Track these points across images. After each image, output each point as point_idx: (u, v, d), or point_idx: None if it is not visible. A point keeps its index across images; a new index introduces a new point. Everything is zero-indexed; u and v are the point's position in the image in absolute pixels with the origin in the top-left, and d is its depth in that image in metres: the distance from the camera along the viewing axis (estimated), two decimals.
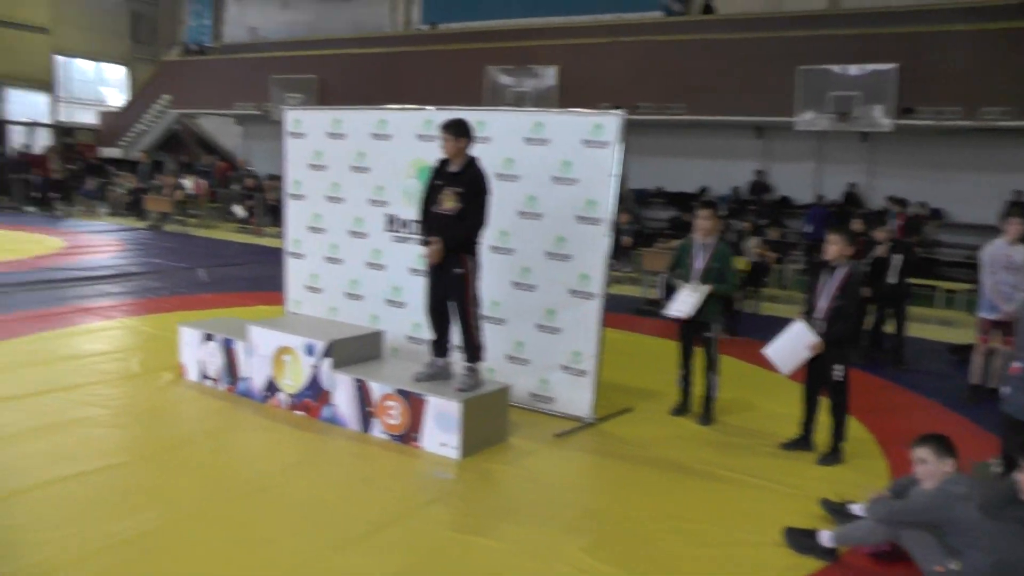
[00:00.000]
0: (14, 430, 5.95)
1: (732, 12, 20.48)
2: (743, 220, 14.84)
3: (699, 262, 6.90)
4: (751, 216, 16.43)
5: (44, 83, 30.00)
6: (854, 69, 15.90)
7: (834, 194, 18.18)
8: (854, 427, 6.57)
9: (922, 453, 4.37)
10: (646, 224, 18.11)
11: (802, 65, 16.19)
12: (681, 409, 7.17)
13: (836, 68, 16.01)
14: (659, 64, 18.07)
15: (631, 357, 7.52)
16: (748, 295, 12.08)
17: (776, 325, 6.70)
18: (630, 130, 6.60)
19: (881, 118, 15.75)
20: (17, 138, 28.86)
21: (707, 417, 6.96)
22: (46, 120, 30.23)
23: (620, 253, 14.19)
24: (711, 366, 6.95)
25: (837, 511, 5.04)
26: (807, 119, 16.34)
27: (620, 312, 11.50)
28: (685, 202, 19.07)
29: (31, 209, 23.74)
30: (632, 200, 17.83)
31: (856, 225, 13.09)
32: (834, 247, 6.18)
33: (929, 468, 4.34)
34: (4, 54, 28.35)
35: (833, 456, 6.19)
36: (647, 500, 5.35)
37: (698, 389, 7.08)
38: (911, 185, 16.83)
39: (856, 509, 4.92)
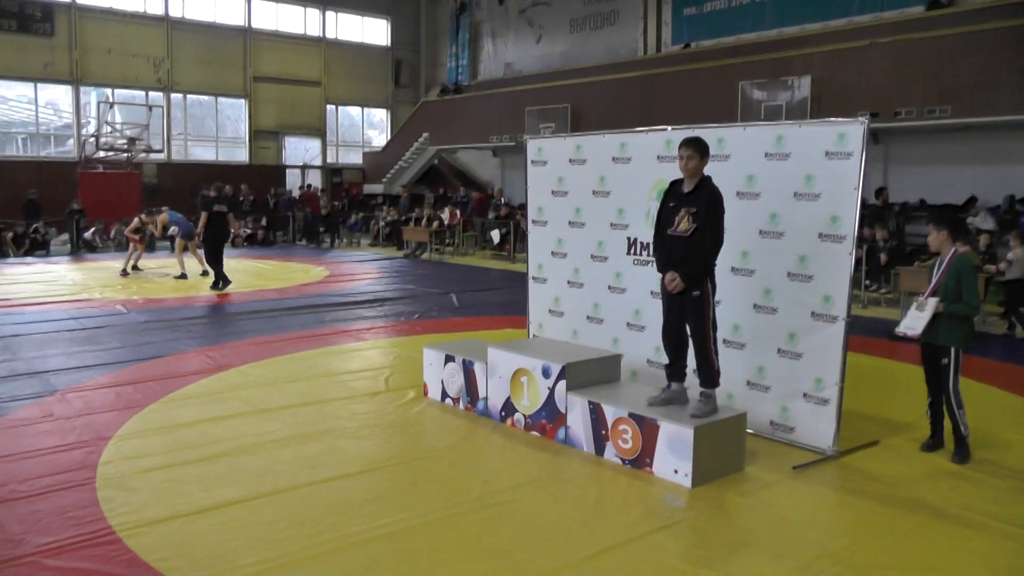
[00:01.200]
0: (273, 437, 6.57)
1: None
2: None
3: (936, 278, 6.36)
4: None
5: (317, 129, 32.83)
6: None
7: None
8: None
9: None
10: (907, 240, 16.85)
11: None
12: (933, 444, 6.52)
13: None
14: (921, 64, 16.71)
15: (881, 385, 6.96)
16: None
17: None
18: (891, 138, 6.16)
19: None
20: (293, 180, 31.70)
21: (961, 454, 6.27)
22: (318, 162, 32.97)
23: (876, 272, 13.35)
24: (947, 398, 6.30)
25: None
26: None
27: (875, 336, 10.80)
28: (951, 214, 17.57)
29: (302, 242, 25.94)
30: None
31: None
32: None
33: None
34: (285, 107, 31.58)
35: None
36: (892, 544, 4.88)
37: (949, 421, 6.43)
38: None
39: None
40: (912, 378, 6.53)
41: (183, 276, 16.42)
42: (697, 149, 5.90)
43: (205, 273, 16.10)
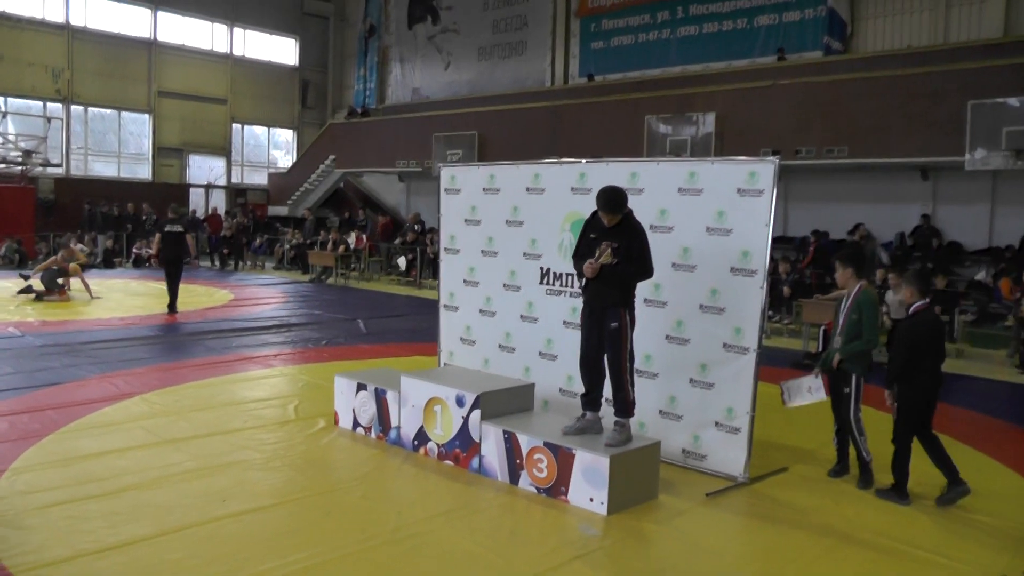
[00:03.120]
0: (181, 470, 6.32)
1: (896, 47, 19.69)
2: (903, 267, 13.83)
3: (841, 316, 6.59)
4: (916, 263, 15.57)
5: (222, 148, 32.17)
6: None
7: (1010, 238, 16.97)
8: None
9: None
10: (807, 273, 17.44)
11: (973, 99, 15.18)
12: (839, 470, 6.75)
13: (1013, 101, 14.86)
14: (820, 106, 17.41)
15: (788, 413, 7.18)
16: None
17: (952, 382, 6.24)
18: (790, 176, 6.38)
19: None
20: (197, 199, 30.96)
21: (866, 480, 6.50)
22: (222, 182, 32.29)
23: (779, 304, 13.75)
24: (848, 426, 6.55)
25: None
26: (979, 158, 15.24)
27: (779, 366, 11.09)
28: (856, 252, 18.25)
29: (204, 264, 25.32)
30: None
31: None
32: None
33: None
34: (189, 124, 30.85)
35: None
36: (802, 568, 5.03)
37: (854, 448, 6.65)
38: None
39: None
40: (818, 407, 6.72)
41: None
42: (610, 208, 5.92)
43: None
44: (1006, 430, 8.63)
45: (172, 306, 14.65)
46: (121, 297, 16.93)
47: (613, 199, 5.92)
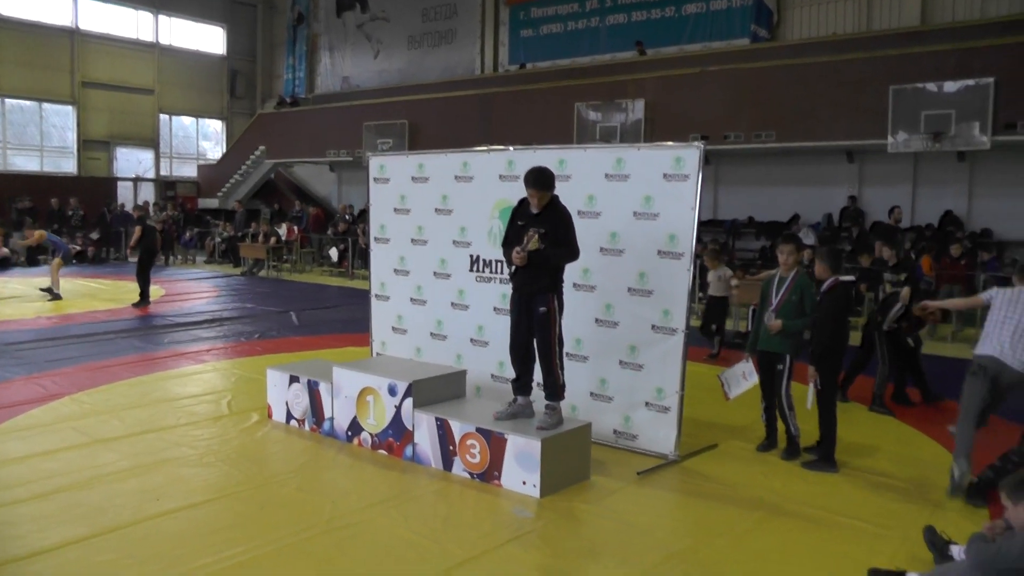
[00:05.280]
0: (112, 469, 6.21)
1: (821, 35, 20.15)
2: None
3: (778, 296, 6.74)
4: (844, 243, 15.97)
5: (150, 140, 31.49)
6: (949, 86, 15.20)
7: (931, 217, 17.53)
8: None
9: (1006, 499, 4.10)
10: (736, 255, 17.79)
11: (895, 84, 15.63)
12: (767, 445, 6.97)
13: (931, 86, 15.36)
14: (747, 92, 17.74)
15: (716, 392, 7.35)
16: None
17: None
18: (720, 160, 6.51)
19: (978, 135, 15.05)
20: (125, 193, 30.27)
21: (790, 452, 6.73)
22: (151, 175, 31.63)
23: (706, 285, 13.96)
24: (779, 401, 6.76)
25: (939, 549, 4.78)
26: (900, 141, 15.73)
27: (708, 346, 11.30)
28: (776, 231, 18.68)
29: (134, 259, 24.75)
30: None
31: (955, 249, 12.60)
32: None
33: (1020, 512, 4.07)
34: (116, 116, 30.11)
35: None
36: (733, 541, 5.18)
37: (782, 423, 6.87)
38: (1015, 204, 16.13)
39: (956, 551, 4.66)
40: None
41: (57, 296, 15.70)
42: (539, 187, 5.99)
43: (54, 296, 15.70)
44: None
45: (145, 296, 15.00)
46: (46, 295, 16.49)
47: (541, 176, 5.99)
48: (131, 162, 31.21)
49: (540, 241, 5.93)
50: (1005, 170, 16.69)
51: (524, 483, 5.85)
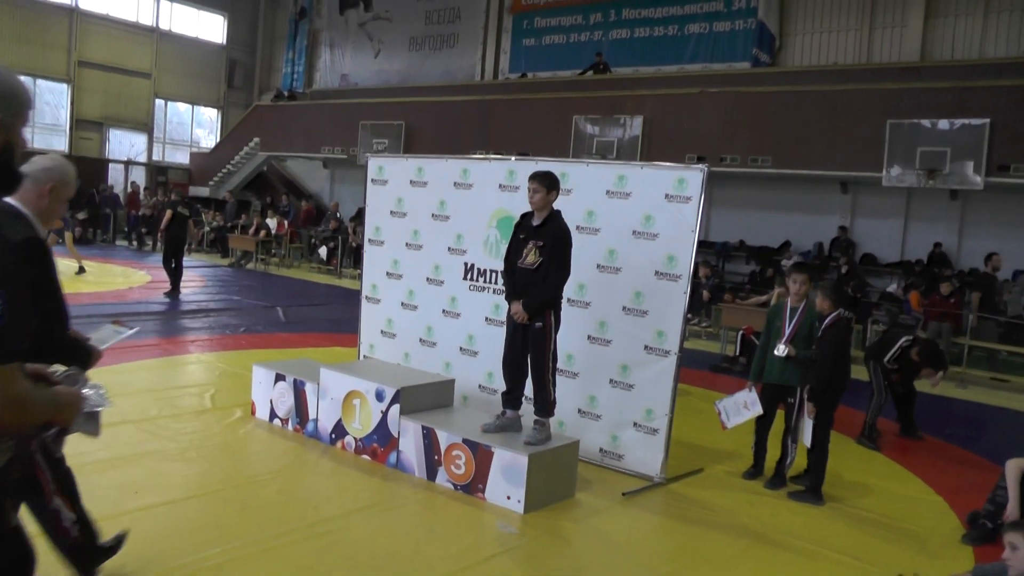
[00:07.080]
0: (91, 460, 6.00)
1: (822, 63, 20.25)
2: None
3: (789, 326, 6.68)
4: (834, 273, 16.02)
5: (144, 124, 31.30)
6: (945, 123, 15.32)
7: (920, 252, 17.63)
8: (941, 508, 6.32)
9: (1015, 539, 4.07)
10: (726, 278, 17.81)
11: (892, 119, 15.72)
12: (754, 472, 6.93)
13: (926, 122, 15.48)
14: (746, 116, 17.80)
15: (704, 415, 7.32)
16: None
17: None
18: (714, 182, 6.50)
19: (972, 175, 15.16)
20: (116, 175, 30.06)
21: (776, 482, 6.70)
22: (143, 159, 31.43)
23: (698, 307, 13.99)
24: (789, 432, 6.72)
25: None
26: (895, 175, 15.81)
27: (696, 368, 11.28)
28: (767, 256, 18.76)
29: (122, 243, 24.62)
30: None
31: (944, 288, 12.67)
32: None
33: (1021, 555, 4.03)
34: (111, 98, 29.88)
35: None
36: (717, 568, 5.14)
37: (773, 452, 6.84)
38: (1004, 245, 16.22)
39: None
40: None
41: (82, 270, 16.13)
42: (544, 183, 5.99)
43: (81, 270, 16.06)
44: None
45: (176, 287, 14.91)
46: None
47: (548, 175, 6.01)
48: (124, 145, 30.96)
49: (538, 254, 5.90)
50: (997, 210, 16.82)
51: (508, 497, 5.79)
